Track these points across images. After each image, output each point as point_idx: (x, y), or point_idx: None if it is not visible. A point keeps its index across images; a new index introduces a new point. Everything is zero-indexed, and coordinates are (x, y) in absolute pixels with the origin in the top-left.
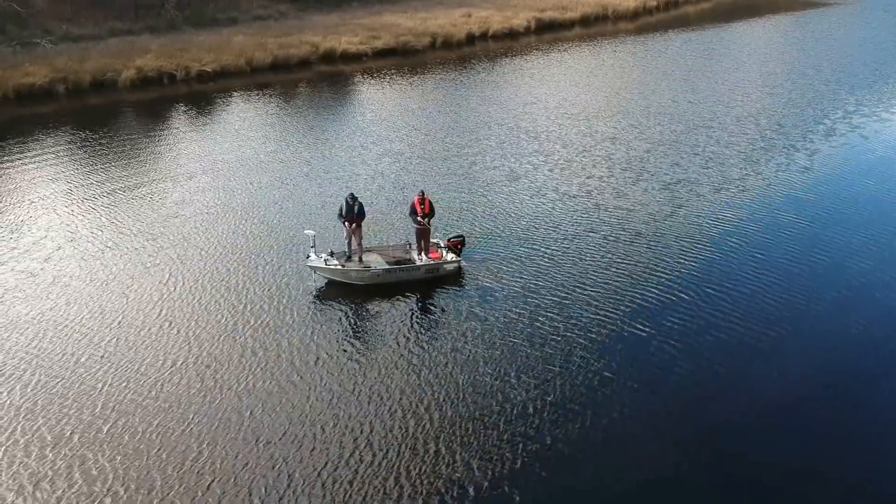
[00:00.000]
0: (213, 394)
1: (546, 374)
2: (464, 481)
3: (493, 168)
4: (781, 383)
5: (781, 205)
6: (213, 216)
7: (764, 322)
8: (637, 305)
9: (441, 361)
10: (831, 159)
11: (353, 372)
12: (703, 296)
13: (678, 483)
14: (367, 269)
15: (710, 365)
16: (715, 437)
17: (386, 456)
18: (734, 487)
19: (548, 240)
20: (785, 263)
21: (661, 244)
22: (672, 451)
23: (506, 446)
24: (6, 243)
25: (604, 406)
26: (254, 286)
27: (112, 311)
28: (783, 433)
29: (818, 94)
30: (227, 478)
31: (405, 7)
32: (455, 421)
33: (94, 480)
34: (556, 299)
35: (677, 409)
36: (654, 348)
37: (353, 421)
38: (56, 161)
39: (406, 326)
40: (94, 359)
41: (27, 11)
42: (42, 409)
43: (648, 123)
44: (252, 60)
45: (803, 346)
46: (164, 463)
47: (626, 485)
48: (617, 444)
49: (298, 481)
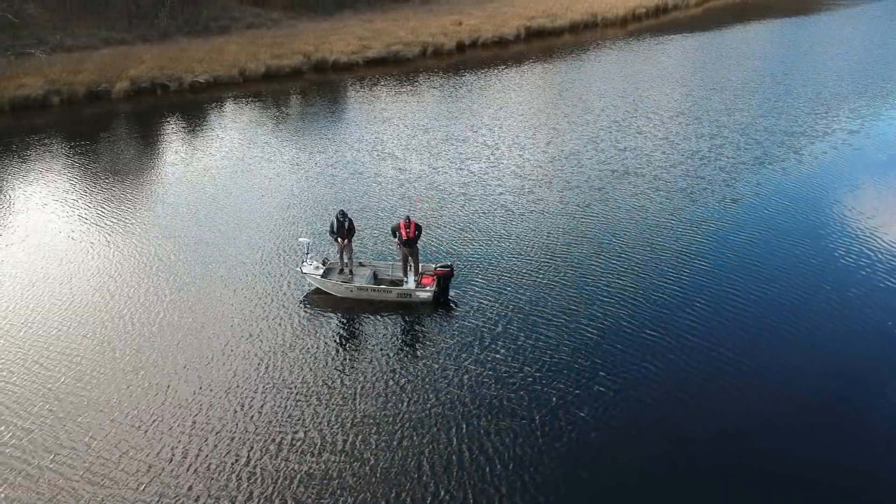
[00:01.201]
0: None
1: (534, 388)
2: (446, 490)
3: (482, 178)
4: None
5: (786, 212)
6: (206, 224)
7: (756, 346)
8: (625, 319)
9: (414, 378)
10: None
11: (332, 377)
12: (692, 315)
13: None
14: (343, 283)
15: (702, 386)
16: (706, 459)
17: (365, 464)
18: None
19: (531, 255)
20: (789, 273)
21: (651, 258)
22: (665, 467)
23: (495, 456)
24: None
25: (590, 422)
26: (248, 291)
27: (105, 312)
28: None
29: (816, 99)
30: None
31: (396, 15)
32: (429, 435)
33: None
34: (540, 315)
35: (660, 429)
36: (640, 363)
37: (323, 427)
38: (51, 171)
39: (387, 340)
40: (87, 353)
41: (21, 21)
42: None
43: (638, 134)
44: (244, 70)
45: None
46: (134, 461)
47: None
48: (606, 461)
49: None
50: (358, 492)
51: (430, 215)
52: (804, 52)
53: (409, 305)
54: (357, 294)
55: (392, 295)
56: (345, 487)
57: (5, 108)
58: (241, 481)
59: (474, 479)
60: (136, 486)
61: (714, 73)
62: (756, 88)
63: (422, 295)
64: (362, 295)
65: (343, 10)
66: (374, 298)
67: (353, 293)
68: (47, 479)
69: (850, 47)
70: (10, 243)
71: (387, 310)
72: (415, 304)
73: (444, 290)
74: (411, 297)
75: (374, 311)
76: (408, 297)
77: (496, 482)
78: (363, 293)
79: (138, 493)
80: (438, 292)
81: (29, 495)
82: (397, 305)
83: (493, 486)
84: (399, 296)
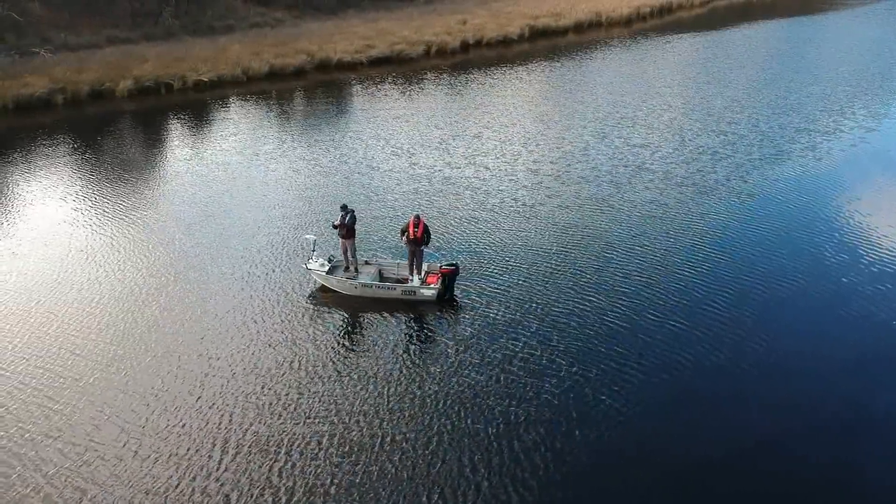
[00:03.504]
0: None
1: (537, 391)
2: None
3: (495, 173)
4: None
5: (808, 208)
6: (212, 222)
7: (766, 353)
8: (626, 325)
9: (417, 378)
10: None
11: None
12: (696, 322)
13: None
14: (348, 280)
15: (705, 394)
16: (707, 470)
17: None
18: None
19: (538, 259)
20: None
21: (656, 265)
22: (667, 481)
23: (495, 461)
24: (2, 253)
25: (591, 426)
26: (253, 288)
27: (106, 308)
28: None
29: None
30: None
31: (400, 14)
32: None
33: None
34: (546, 318)
35: (662, 441)
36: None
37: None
38: (54, 170)
39: (393, 336)
40: (91, 352)
41: (25, 20)
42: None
43: (649, 131)
44: (248, 70)
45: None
46: (134, 461)
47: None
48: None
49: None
50: (366, 490)
51: (442, 211)
52: (813, 50)
53: (413, 303)
54: (362, 291)
55: (396, 292)
56: (352, 485)
57: (10, 107)
58: (242, 480)
59: (475, 475)
60: (135, 488)
61: (723, 71)
62: (766, 86)
63: (426, 293)
64: (367, 292)
65: (347, 9)
66: (378, 296)
67: (357, 290)
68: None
69: (861, 46)
70: (11, 243)
71: (391, 307)
72: (419, 302)
73: (449, 289)
74: (416, 295)
75: (378, 309)
76: (412, 295)
77: (496, 478)
78: (368, 290)
79: (133, 492)
80: (443, 290)
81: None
82: (402, 303)
83: (490, 482)
84: (404, 293)
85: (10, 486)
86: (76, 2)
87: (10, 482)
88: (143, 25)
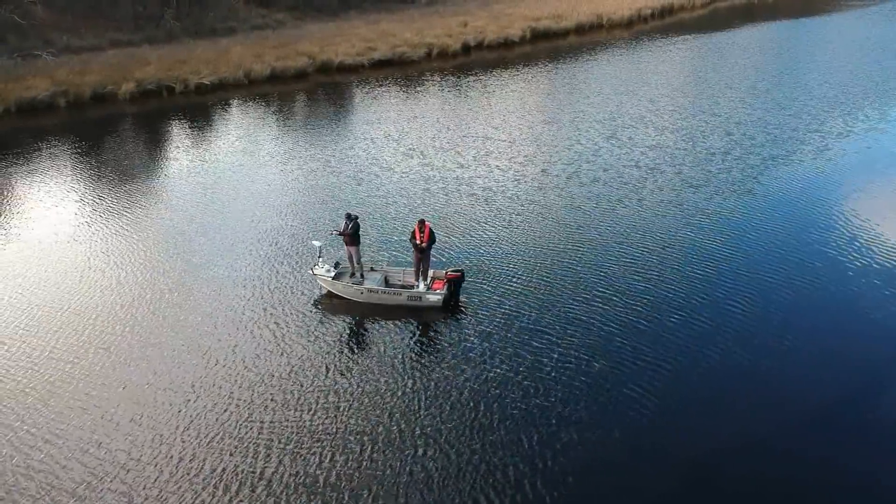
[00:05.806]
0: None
1: (540, 396)
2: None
3: (504, 174)
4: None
5: (822, 207)
6: (216, 226)
7: (767, 356)
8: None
9: (421, 383)
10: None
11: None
12: (718, 322)
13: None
14: (353, 286)
15: (712, 393)
16: (711, 470)
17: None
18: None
19: (547, 261)
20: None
21: (661, 266)
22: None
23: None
24: (5, 254)
25: (598, 428)
26: (258, 293)
27: (110, 313)
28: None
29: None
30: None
31: (402, 16)
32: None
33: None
34: (554, 324)
35: (667, 443)
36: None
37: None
38: (57, 173)
39: (398, 342)
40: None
41: (28, 22)
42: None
43: (658, 132)
44: (250, 72)
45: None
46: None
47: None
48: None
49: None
50: (367, 491)
51: (450, 214)
52: (819, 51)
53: (419, 309)
54: (367, 297)
55: (402, 298)
56: (355, 491)
57: (12, 109)
58: (244, 485)
59: (482, 483)
60: (133, 487)
61: (727, 72)
62: (774, 88)
63: (432, 298)
64: (373, 298)
65: (348, 11)
66: (384, 302)
67: (363, 296)
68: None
69: (865, 48)
70: (14, 244)
71: (397, 313)
72: (425, 308)
73: (455, 294)
74: (421, 301)
75: (384, 315)
76: (418, 301)
77: (504, 487)
78: (374, 296)
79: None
80: (448, 296)
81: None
82: (407, 309)
83: (495, 490)
84: (409, 299)
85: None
86: (78, 4)
87: (52, 471)
88: (146, 28)
